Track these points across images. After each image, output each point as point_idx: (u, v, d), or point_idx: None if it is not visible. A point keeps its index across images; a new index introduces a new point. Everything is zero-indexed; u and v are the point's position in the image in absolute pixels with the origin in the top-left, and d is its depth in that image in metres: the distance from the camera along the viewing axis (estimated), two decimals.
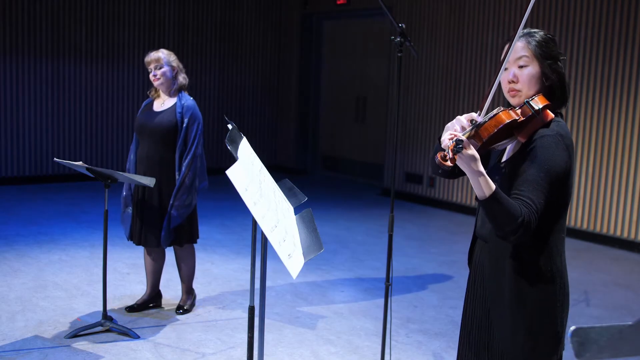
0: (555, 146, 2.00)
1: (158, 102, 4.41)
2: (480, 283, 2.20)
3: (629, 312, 5.00)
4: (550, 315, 2.07)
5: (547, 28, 7.39)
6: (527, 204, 1.94)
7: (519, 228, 1.91)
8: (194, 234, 4.46)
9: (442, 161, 1.90)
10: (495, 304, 2.12)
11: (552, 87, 2.10)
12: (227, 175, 2.44)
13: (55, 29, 9.15)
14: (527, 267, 2.06)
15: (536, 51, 2.08)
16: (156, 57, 4.32)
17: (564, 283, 2.10)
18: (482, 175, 1.92)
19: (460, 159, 1.90)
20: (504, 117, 2.00)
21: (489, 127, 1.99)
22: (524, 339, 2.06)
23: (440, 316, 4.69)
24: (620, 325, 1.12)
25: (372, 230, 7.25)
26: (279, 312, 4.64)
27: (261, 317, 2.62)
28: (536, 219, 1.94)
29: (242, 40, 10.87)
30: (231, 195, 4.60)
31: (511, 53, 2.07)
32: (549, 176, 1.98)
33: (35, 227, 6.69)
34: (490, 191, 1.91)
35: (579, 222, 7.29)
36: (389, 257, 3.67)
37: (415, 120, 9.03)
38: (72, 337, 4.00)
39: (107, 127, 9.71)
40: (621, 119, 6.90)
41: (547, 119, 2.05)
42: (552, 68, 2.09)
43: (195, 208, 4.43)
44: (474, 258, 2.26)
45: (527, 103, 2.04)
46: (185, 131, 4.28)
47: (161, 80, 4.32)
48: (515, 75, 2.09)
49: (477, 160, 1.91)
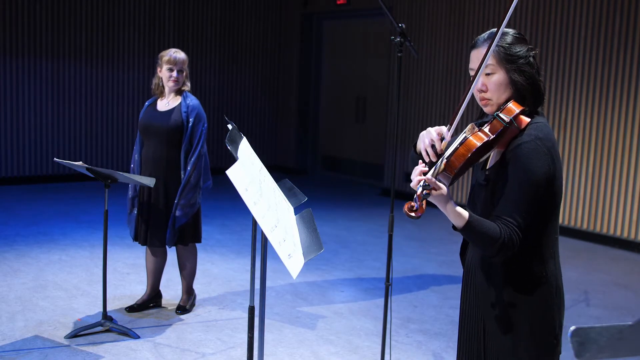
0: (534, 153, 1.93)
1: (162, 102, 4.42)
2: (473, 287, 2.17)
3: (629, 312, 4.99)
4: (546, 318, 2.04)
5: (547, 28, 7.39)
6: (507, 222, 1.92)
7: (500, 249, 1.90)
8: (198, 234, 4.47)
9: (408, 212, 1.85)
10: (489, 309, 2.08)
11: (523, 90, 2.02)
12: (227, 175, 2.44)
13: (55, 30, 9.15)
14: (520, 271, 2.02)
15: (501, 57, 1.99)
16: (182, 59, 4.34)
17: (559, 285, 2.07)
18: (453, 210, 1.90)
19: (431, 198, 1.89)
20: (474, 141, 1.91)
21: (459, 156, 1.91)
22: (519, 343, 2.03)
23: (440, 316, 4.69)
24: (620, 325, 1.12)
25: (372, 230, 7.25)
26: (279, 312, 4.64)
27: (261, 317, 2.62)
28: (518, 236, 1.91)
29: (242, 40, 10.87)
30: (231, 195, 4.60)
31: (472, 59, 2.05)
32: (529, 187, 1.93)
33: (35, 227, 6.69)
34: (463, 221, 1.90)
35: (579, 222, 7.29)
36: (389, 257, 3.66)
37: (415, 120, 9.03)
38: (72, 337, 4.00)
39: (107, 127, 9.71)
40: (621, 119, 6.90)
41: (522, 125, 1.98)
42: (520, 71, 2.00)
43: (199, 207, 4.45)
44: (467, 262, 2.23)
45: (497, 116, 1.96)
46: (191, 130, 4.30)
47: (180, 82, 4.35)
48: (484, 84, 2.02)
49: (448, 197, 1.89)
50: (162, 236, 4.34)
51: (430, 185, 1.86)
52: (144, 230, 4.37)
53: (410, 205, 1.86)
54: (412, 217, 1.85)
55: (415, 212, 1.84)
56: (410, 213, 1.85)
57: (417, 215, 1.84)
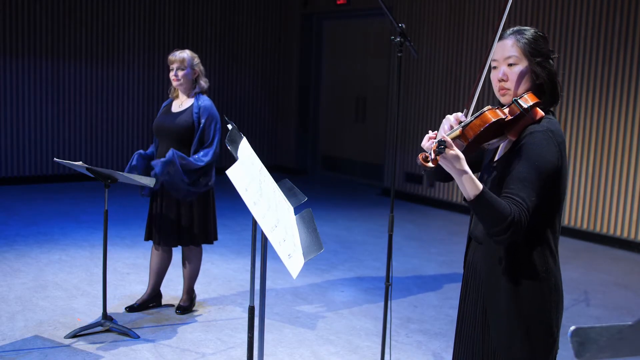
0: (546, 142, 1.98)
1: (176, 103, 4.47)
2: (474, 284, 2.19)
3: (629, 312, 4.99)
4: (545, 314, 2.06)
5: (547, 28, 7.39)
6: (517, 202, 1.92)
7: (509, 227, 1.89)
8: (211, 235, 4.48)
9: (423, 162, 1.87)
10: (491, 305, 2.10)
11: (543, 85, 2.08)
12: (227, 175, 2.44)
13: (55, 29, 9.15)
14: (522, 267, 2.04)
15: (525, 49, 2.06)
16: (181, 57, 4.35)
17: (558, 283, 2.10)
18: (466, 174, 1.89)
19: (443, 160, 1.88)
20: (490, 116, 1.97)
21: (474, 126, 1.96)
22: (520, 339, 2.05)
23: (440, 316, 4.69)
24: (620, 325, 1.12)
25: (372, 230, 7.25)
26: (279, 312, 4.64)
27: (261, 317, 2.62)
28: (527, 217, 1.92)
29: (242, 40, 10.87)
30: (231, 195, 4.60)
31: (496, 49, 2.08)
32: (539, 173, 1.96)
33: (35, 227, 6.69)
34: (477, 191, 1.89)
35: (579, 222, 7.29)
36: (389, 257, 3.67)
37: (415, 120, 9.04)
38: (72, 337, 4.00)
39: (107, 127, 9.71)
40: (621, 119, 6.90)
41: (536, 117, 2.03)
42: (542, 66, 2.06)
43: (214, 208, 4.49)
44: (468, 259, 2.25)
45: (515, 102, 2.02)
46: (202, 131, 4.31)
47: (181, 81, 4.36)
48: (505, 73, 2.08)
49: (462, 160, 1.88)
50: (170, 236, 4.36)
51: (446, 143, 1.86)
52: (157, 229, 4.40)
53: (424, 155, 1.88)
54: (426, 167, 1.88)
55: (431, 162, 1.85)
56: (425, 163, 1.87)
57: (431, 167, 1.86)
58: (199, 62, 4.46)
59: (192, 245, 4.43)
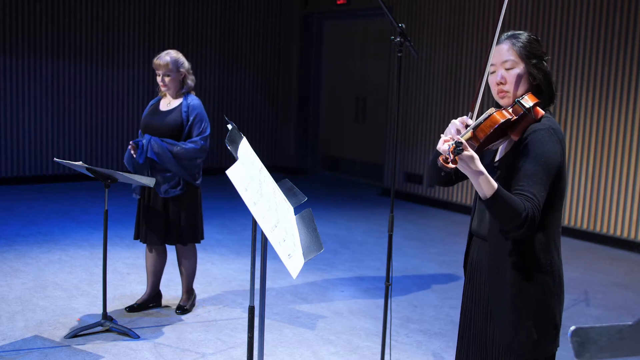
0: (549, 139, 2.05)
1: (164, 102, 4.45)
2: (478, 281, 2.24)
3: (629, 312, 4.99)
4: (549, 307, 2.12)
5: (547, 28, 7.39)
6: (529, 198, 1.98)
7: (524, 223, 1.95)
8: (198, 234, 4.47)
9: (444, 164, 1.93)
10: (496, 300, 2.15)
11: (540, 85, 2.16)
12: (227, 175, 2.44)
13: (55, 29, 9.15)
14: (527, 260, 2.09)
15: (521, 52, 2.14)
16: (165, 62, 4.31)
17: (560, 276, 2.16)
18: (483, 175, 1.94)
19: (460, 161, 1.93)
20: (498, 117, 2.04)
21: (484, 128, 2.03)
22: (526, 332, 2.10)
23: (440, 316, 4.69)
24: (620, 325, 1.12)
25: (372, 230, 7.25)
26: (279, 312, 4.64)
27: (261, 317, 2.62)
28: (539, 212, 1.98)
29: (242, 40, 10.87)
30: (231, 195, 4.59)
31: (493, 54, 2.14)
32: (546, 169, 2.03)
33: (35, 227, 6.69)
34: (492, 190, 1.95)
35: (579, 222, 7.29)
36: (389, 257, 3.67)
37: (415, 121, 9.03)
38: (72, 337, 4.00)
39: (107, 127, 9.71)
40: (621, 119, 6.90)
41: (538, 116, 2.10)
42: (537, 67, 2.14)
43: (200, 208, 4.47)
44: (471, 256, 2.29)
45: (518, 102, 2.09)
46: (189, 129, 4.32)
47: (168, 86, 4.36)
48: (503, 76, 2.15)
49: (476, 160, 1.94)
50: (160, 234, 4.35)
51: (462, 144, 1.91)
52: (145, 228, 4.39)
53: (445, 157, 1.94)
54: (447, 168, 1.93)
55: (451, 163, 1.91)
56: (446, 164, 1.92)
57: (453, 167, 1.92)
58: (184, 60, 4.40)
59: (180, 244, 4.42)
